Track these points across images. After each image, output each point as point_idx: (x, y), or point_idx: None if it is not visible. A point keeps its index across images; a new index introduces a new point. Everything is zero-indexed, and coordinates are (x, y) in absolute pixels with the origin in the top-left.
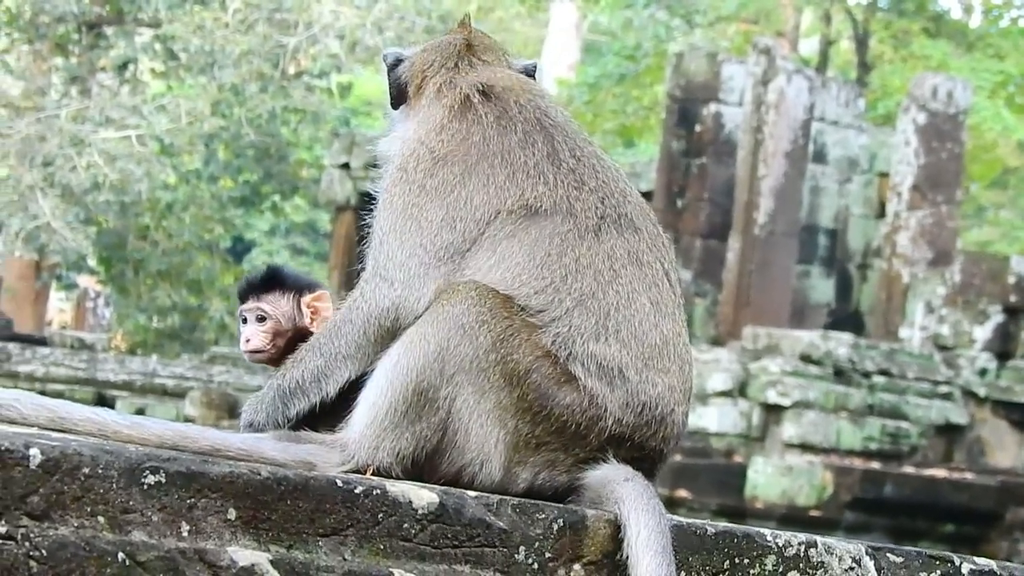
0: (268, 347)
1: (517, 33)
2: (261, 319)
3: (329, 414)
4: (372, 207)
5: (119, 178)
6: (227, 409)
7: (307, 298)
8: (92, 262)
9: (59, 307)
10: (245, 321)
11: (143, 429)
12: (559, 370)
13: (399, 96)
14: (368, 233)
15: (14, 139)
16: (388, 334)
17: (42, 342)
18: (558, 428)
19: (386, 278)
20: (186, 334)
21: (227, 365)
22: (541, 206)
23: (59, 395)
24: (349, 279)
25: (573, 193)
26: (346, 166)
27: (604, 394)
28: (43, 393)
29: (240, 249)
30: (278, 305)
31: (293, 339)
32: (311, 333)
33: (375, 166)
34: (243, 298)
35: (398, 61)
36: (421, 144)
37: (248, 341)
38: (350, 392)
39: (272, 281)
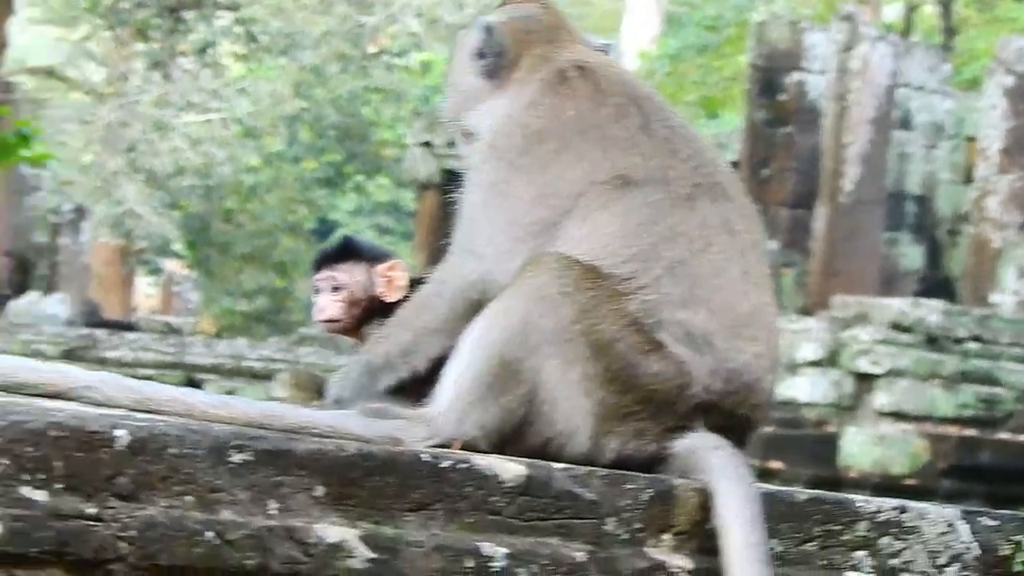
0: (343, 317)
1: (595, 6)
2: (335, 289)
3: (415, 388)
4: (456, 185)
5: (202, 162)
6: (315, 390)
7: (381, 267)
8: (177, 246)
9: (146, 292)
10: (319, 292)
11: (229, 408)
12: (645, 338)
13: (492, 68)
14: (455, 210)
15: (98, 126)
16: (475, 308)
17: (130, 327)
18: (645, 397)
19: (474, 252)
20: (273, 316)
21: (314, 346)
22: (635, 176)
23: (148, 380)
24: (435, 257)
25: (667, 162)
26: (428, 144)
27: (692, 361)
28: (130, 377)
29: (325, 230)
30: (352, 274)
31: (368, 309)
32: (385, 303)
33: (456, 144)
34: (318, 268)
35: (489, 30)
36: (512, 120)
37: (323, 311)
38: (436, 367)
39: (346, 251)
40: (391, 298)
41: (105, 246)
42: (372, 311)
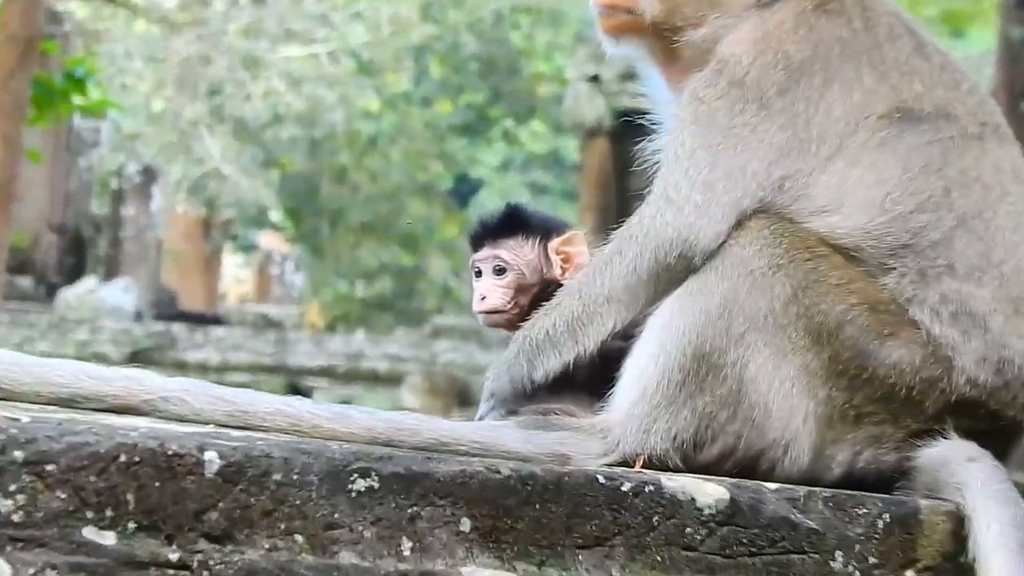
0: (508, 306)
1: None
2: (499, 271)
3: (583, 387)
4: (635, 130)
5: (306, 107)
6: (455, 395)
7: (555, 242)
8: (275, 216)
9: (236, 275)
10: (479, 274)
11: (348, 421)
12: (885, 319)
13: None
14: (632, 161)
15: (171, 63)
16: (669, 274)
17: (216, 320)
18: (884, 394)
19: (675, 201)
20: (400, 303)
21: (454, 340)
22: (918, 108)
23: (241, 387)
24: (606, 222)
25: (950, 94)
26: (596, 79)
27: (955, 345)
28: (220, 384)
29: (465, 190)
30: (520, 252)
31: (539, 296)
32: (557, 283)
33: (633, 78)
34: (476, 245)
35: None
36: (769, 49)
37: (483, 299)
38: (609, 363)
39: (512, 223)
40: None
41: (182, 217)
42: (544, 298)
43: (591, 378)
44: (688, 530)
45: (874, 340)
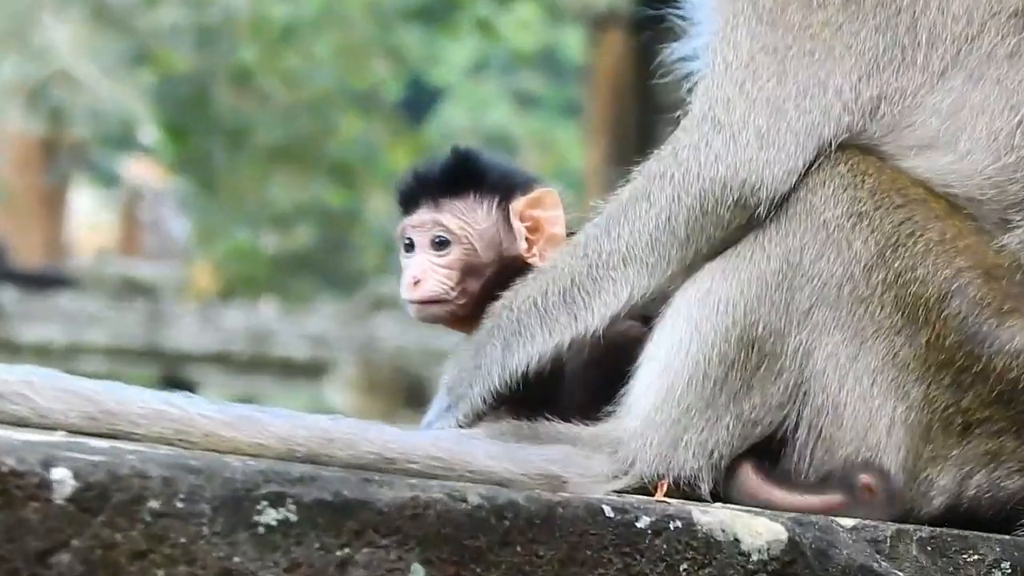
0: (452, 294)
1: None
2: (441, 244)
3: (583, 387)
4: (664, 22)
5: None
6: (402, 392)
7: (519, 204)
8: (149, 136)
9: (91, 220)
10: (411, 247)
11: (255, 428)
12: (1006, 290)
13: None
14: (663, 66)
15: None
16: (716, 230)
17: (62, 283)
18: (1003, 394)
19: (727, 127)
20: (327, 262)
21: (401, 315)
22: None
23: (105, 380)
24: (621, 150)
25: None
26: None
27: None
28: (72, 375)
29: (421, 101)
30: (471, 218)
31: (494, 282)
32: (527, 268)
33: None
34: (409, 206)
35: None
36: None
37: (416, 283)
38: (621, 352)
39: (461, 176)
40: (540, 260)
41: (17, 138)
42: (502, 285)
43: (595, 373)
44: None
45: (990, 319)
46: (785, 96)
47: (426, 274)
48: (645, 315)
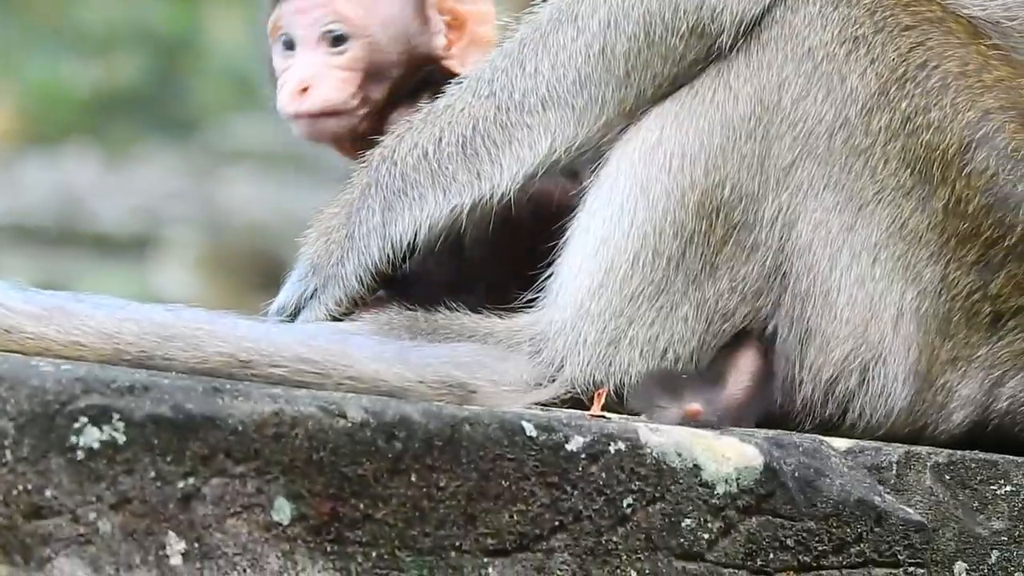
0: (352, 102)
1: None
2: (336, 40)
3: (492, 268)
4: None
5: None
6: (260, 273)
7: None
8: None
9: None
10: (290, 46)
11: (72, 321)
12: None
13: None
14: None
15: None
16: (666, 63)
17: None
18: None
19: None
20: (157, 101)
21: (255, 168)
22: None
23: None
24: None
25: None
26: None
27: None
28: None
29: None
30: (374, 5)
31: (401, 87)
32: (450, 76)
33: None
34: None
35: None
36: None
37: (305, 90)
38: (541, 223)
39: None
40: (462, 67)
41: None
42: (415, 94)
43: (509, 248)
44: (688, 523)
45: None
46: None
47: (318, 78)
48: (573, 170)
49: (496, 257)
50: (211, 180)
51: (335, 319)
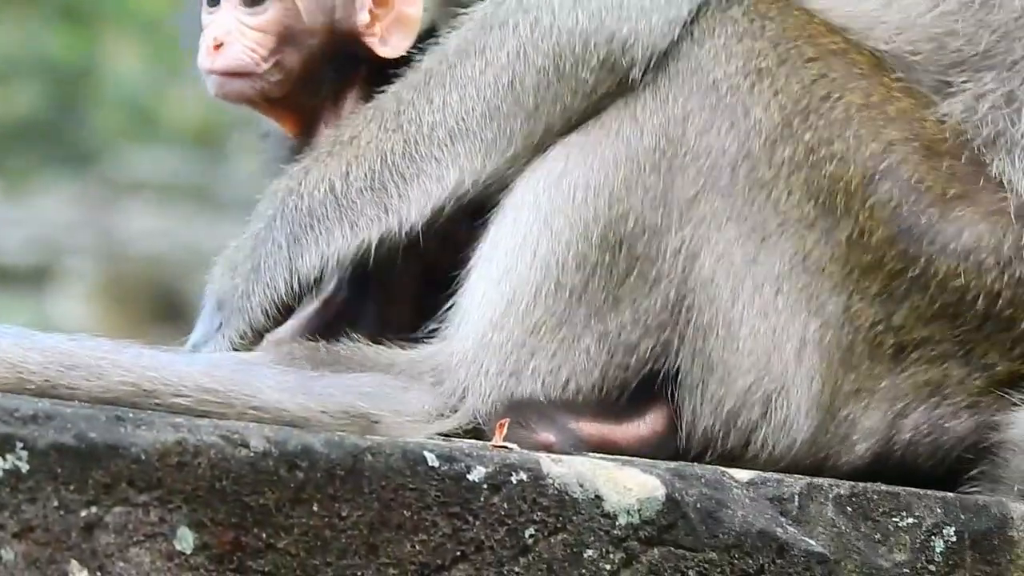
0: (264, 64)
1: None
2: (253, 1)
3: (396, 301)
4: None
5: None
6: (160, 304)
7: None
8: None
9: None
10: (215, 2)
11: None
12: (948, 172)
13: None
14: None
15: None
16: (576, 97)
17: None
18: (947, 306)
19: None
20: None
21: (153, 199)
22: None
23: None
24: None
25: None
26: None
27: None
28: None
29: None
30: None
31: (318, 59)
32: (367, 55)
33: None
34: None
35: None
36: None
37: (218, 47)
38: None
39: None
40: (386, 47)
41: None
42: (331, 66)
43: (413, 280)
44: (590, 553)
45: (930, 207)
46: None
47: (231, 36)
48: (479, 207)
49: (400, 288)
50: (109, 211)
51: (238, 350)
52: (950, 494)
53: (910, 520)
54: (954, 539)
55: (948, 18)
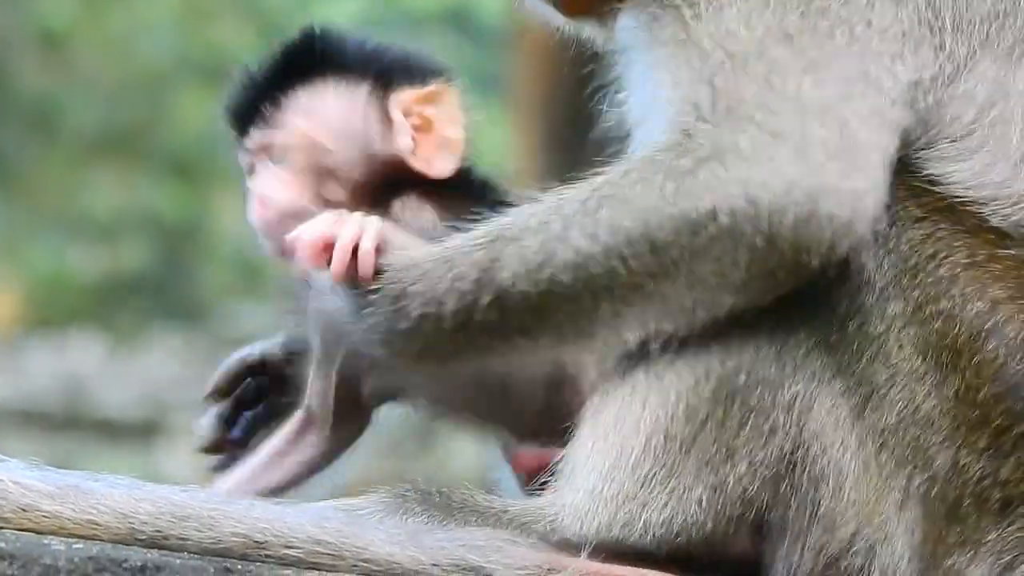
0: (301, 203)
1: None
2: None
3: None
4: None
5: None
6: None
7: (404, 95)
8: None
9: None
10: (251, 172)
11: (87, 500)
12: None
13: None
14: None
15: None
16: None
17: None
18: None
19: (788, 136)
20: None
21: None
22: None
23: None
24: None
25: None
26: None
27: None
28: None
29: None
30: (315, 106)
31: (374, 187)
32: (415, 177)
33: None
34: (242, 122)
35: None
36: None
37: (262, 200)
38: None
39: (315, 54)
40: (432, 169)
41: None
42: (390, 189)
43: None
44: None
45: None
46: (831, 97)
47: (269, 187)
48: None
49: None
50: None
51: None
52: None
53: None
54: None
55: None
